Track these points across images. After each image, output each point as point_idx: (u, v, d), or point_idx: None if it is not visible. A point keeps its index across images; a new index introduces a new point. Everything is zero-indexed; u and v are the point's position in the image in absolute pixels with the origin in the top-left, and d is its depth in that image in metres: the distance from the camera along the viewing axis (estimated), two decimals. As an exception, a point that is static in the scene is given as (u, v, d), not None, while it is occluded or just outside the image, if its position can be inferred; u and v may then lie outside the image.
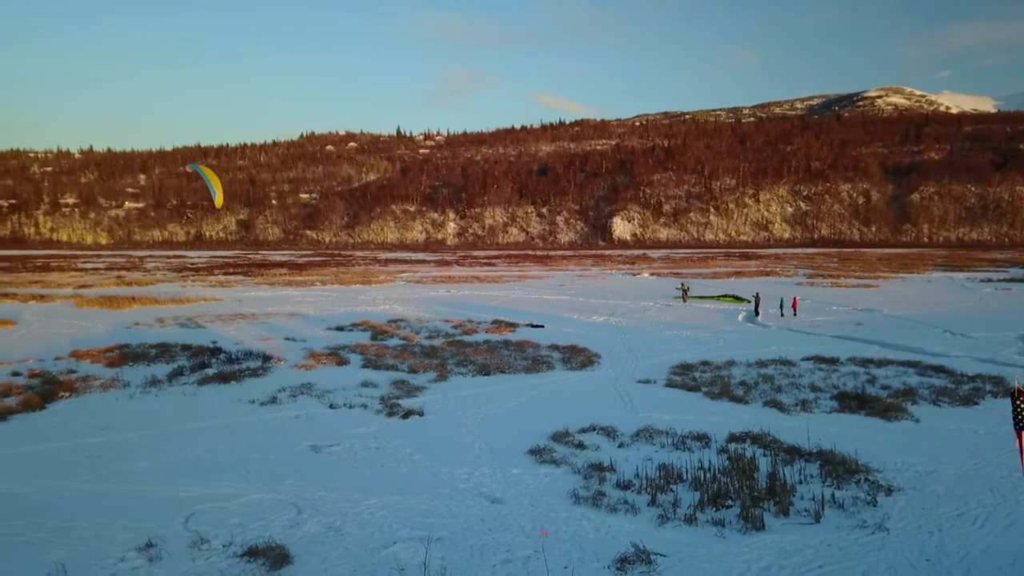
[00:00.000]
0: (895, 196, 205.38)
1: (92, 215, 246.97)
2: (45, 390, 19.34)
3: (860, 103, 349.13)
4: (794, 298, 38.53)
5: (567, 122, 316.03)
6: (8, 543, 9.44)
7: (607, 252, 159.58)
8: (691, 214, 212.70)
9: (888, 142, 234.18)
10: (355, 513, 10.62)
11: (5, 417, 16.79)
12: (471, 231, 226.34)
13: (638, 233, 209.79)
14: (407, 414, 16.79)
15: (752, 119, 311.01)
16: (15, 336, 30.47)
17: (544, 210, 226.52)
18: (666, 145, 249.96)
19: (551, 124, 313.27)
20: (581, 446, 14.05)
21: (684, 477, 11.92)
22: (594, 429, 15.23)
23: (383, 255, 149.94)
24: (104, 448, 14.18)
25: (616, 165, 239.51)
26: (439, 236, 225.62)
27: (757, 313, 36.85)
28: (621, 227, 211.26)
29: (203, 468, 12.80)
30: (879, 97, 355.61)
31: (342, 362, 24.11)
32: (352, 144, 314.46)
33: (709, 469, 12.08)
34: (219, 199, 23.98)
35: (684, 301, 44.41)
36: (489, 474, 12.49)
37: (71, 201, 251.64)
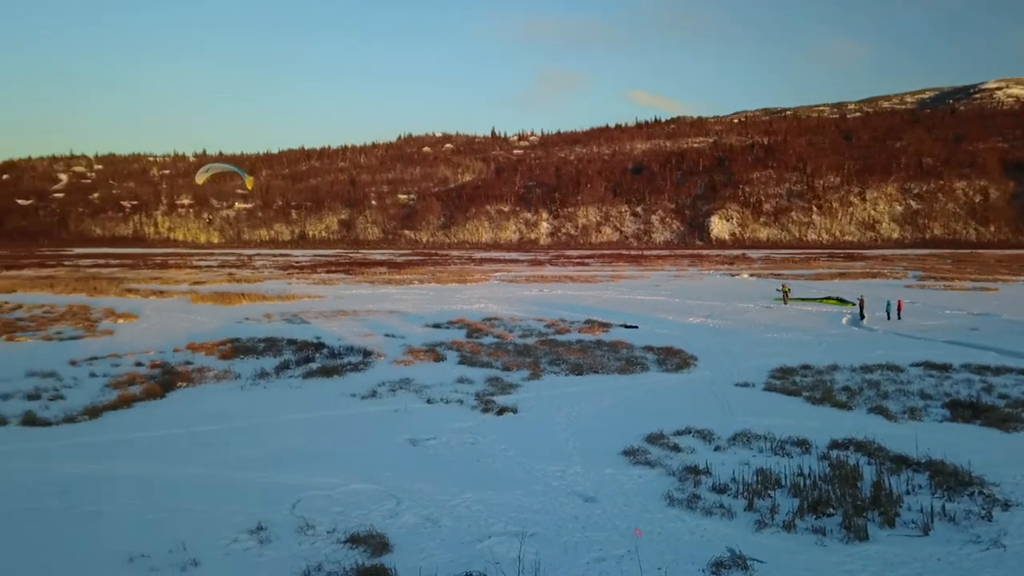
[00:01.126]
0: (1016, 194, 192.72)
1: (205, 215, 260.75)
2: (165, 380, 20.65)
3: (977, 96, 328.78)
4: (899, 300, 36.84)
5: (663, 120, 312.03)
6: (134, 521, 10.15)
7: (704, 252, 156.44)
8: (792, 213, 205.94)
9: (1008, 136, 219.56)
10: (451, 506, 10.87)
11: (130, 404, 18.06)
12: (564, 231, 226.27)
13: (737, 232, 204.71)
14: (501, 411, 17.03)
15: (858, 114, 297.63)
16: (138, 329, 32.59)
17: (639, 209, 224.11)
18: (766, 142, 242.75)
19: (646, 122, 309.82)
20: (676, 448, 13.91)
21: (783, 483, 11.64)
22: (689, 432, 15.04)
23: (477, 254, 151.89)
24: (217, 436, 15.04)
25: (714, 163, 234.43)
26: (532, 236, 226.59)
27: (862, 316, 35.39)
28: (719, 226, 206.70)
29: (308, 457, 13.39)
30: (999, 88, 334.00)
31: (439, 358, 24.65)
32: (448, 145, 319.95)
33: (809, 476, 11.75)
34: (249, 182, 25.53)
35: (785, 303, 43.12)
36: (582, 473, 12.53)
37: (186, 202, 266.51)
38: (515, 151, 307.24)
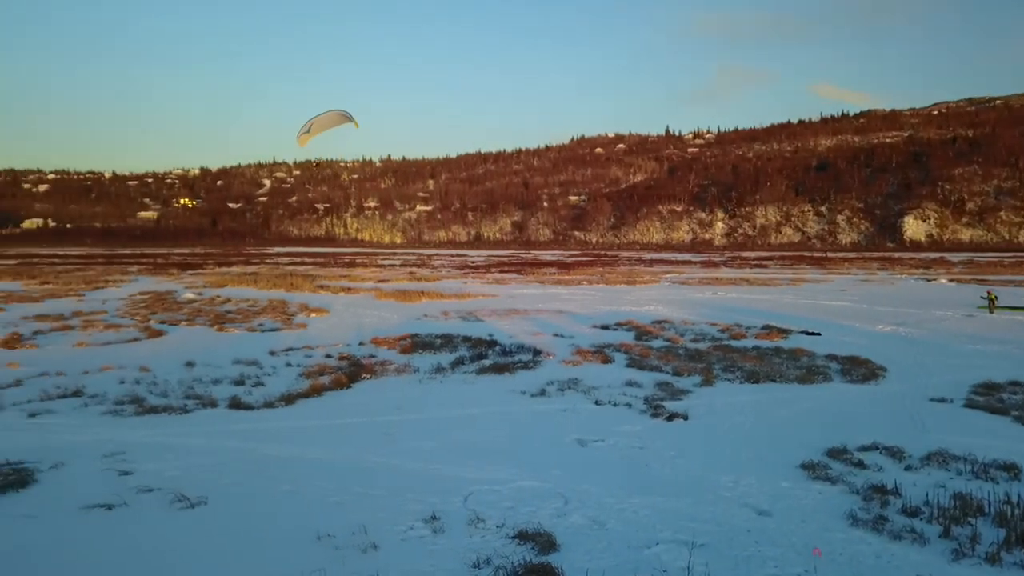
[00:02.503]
0: None
1: (389, 217, 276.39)
2: (351, 371, 22.11)
3: None
4: None
5: (850, 114, 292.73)
6: (322, 502, 10.94)
7: (896, 255, 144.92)
8: (1001, 213, 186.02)
9: None
10: (618, 509, 10.78)
11: (320, 393, 19.52)
12: (740, 231, 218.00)
13: (934, 234, 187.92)
14: (671, 416, 16.69)
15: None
16: (329, 323, 35.09)
17: (823, 208, 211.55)
18: (970, 135, 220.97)
19: (832, 117, 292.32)
20: (861, 465, 13.00)
21: (986, 510, 10.53)
22: (876, 448, 13.99)
23: (648, 255, 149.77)
24: (397, 426, 15.87)
25: (908, 159, 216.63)
26: (706, 236, 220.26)
27: (1087, 328, 31.35)
28: (913, 227, 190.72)
29: (480, 452, 13.80)
30: None
31: (607, 360, 24.57)
32: (620, 146, 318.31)
33: (1019, 504, 10.56)
34: (355, 124, 26.50)
35: (990, 312, 39.08)
36: (756, 485, 12.01)
37: (372, 204, 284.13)
38: (690, 149, 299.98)
